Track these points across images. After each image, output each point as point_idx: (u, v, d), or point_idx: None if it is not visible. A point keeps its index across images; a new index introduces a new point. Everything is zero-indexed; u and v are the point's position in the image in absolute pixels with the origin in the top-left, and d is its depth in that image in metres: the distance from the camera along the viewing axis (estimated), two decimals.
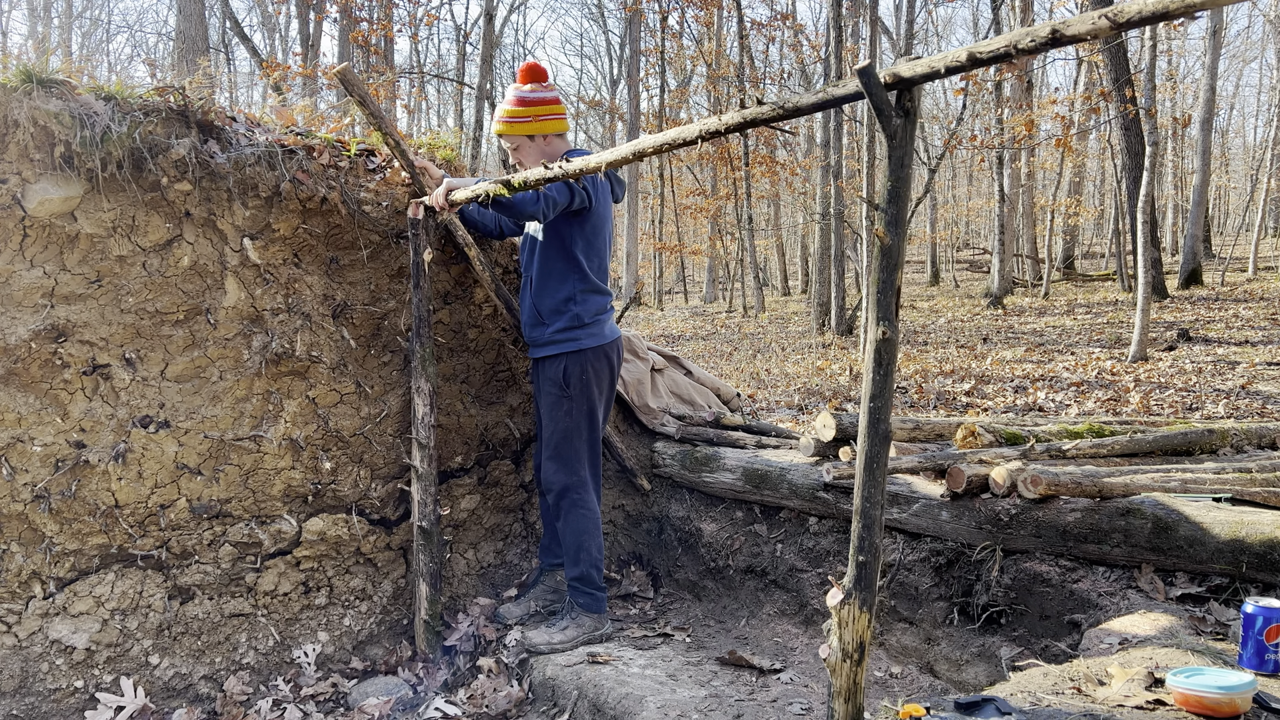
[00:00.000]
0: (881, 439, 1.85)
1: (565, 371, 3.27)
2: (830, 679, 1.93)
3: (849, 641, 1.89)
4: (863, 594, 1.87)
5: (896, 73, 1.77)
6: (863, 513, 1.88)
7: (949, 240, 30.51)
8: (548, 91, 3.34)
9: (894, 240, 1.82)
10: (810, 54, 24.20)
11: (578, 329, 3.28)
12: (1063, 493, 2.70)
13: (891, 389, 1.85)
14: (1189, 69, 33.29)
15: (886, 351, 1.83)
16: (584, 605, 3.32)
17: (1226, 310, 14.09)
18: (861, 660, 1.89)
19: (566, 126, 3.39)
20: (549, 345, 3.30)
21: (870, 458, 1.85)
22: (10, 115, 2.69)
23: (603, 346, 3.33)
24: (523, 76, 3.36)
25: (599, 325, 3.33)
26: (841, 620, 1.89)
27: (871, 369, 1.83)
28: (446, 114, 33.97)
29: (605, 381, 3.39)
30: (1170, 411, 7.05)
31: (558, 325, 3.27)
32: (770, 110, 2.00)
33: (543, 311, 3.29)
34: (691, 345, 15.66)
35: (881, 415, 1.84)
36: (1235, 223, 33.45)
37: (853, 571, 1.88)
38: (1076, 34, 1.53)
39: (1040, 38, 1.56)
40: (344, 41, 17.84)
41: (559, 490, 3.32)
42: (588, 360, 3.29)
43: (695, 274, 38.38)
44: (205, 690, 3.12)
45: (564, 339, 3.27)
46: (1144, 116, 11.38)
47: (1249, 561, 2.31)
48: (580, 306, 3.28)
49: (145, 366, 3.01)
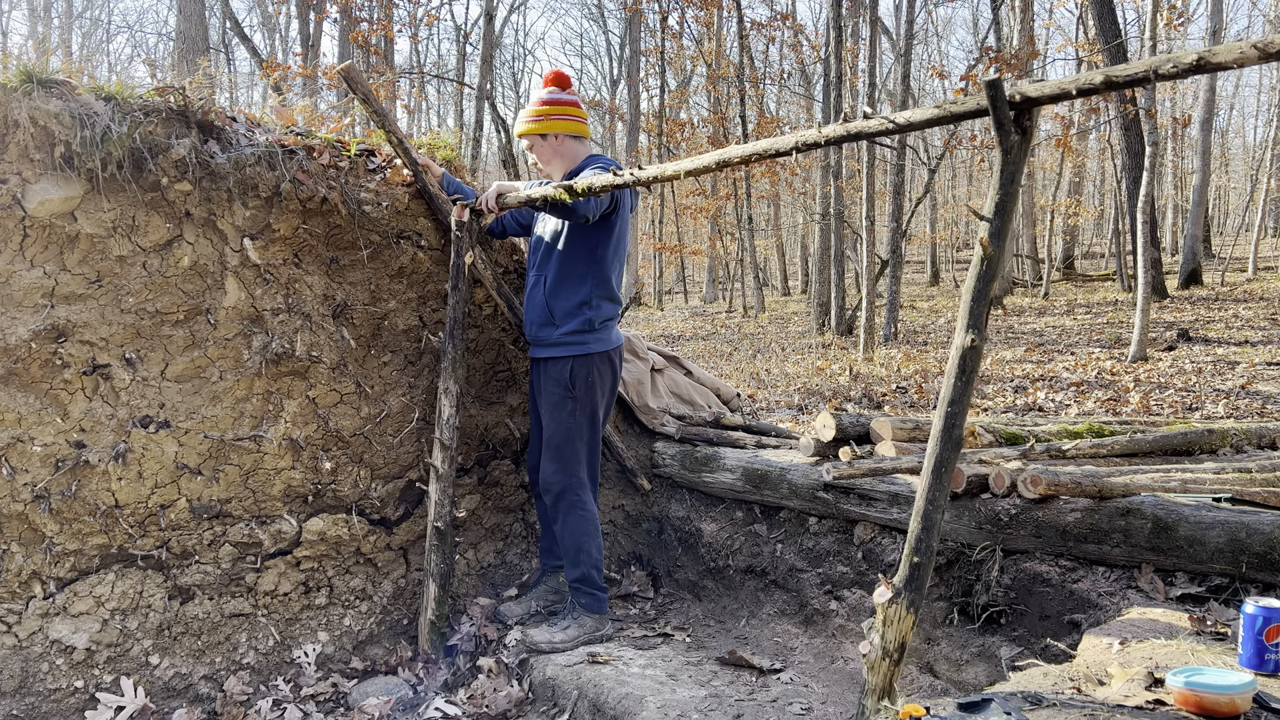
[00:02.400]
0: (954, 444, 1.86)
1: (571, 373, 3.27)
2: (866, 675, 1.93)
3: (891, 640, 1.89)
4: (912, 594, 1.88)
5: (1023, 92, 1.78)
6: (924, 515, 1.88)
7: (949, 240, 30.51)
8: (566, 95, 3.40)
9: (996, 251, 1.84)
10: (810, 54, 24.21)
11: (588, 333, 3.29)
12: (1063, 493, 2.70)
13: (970, 396, 1.86)
14: None
15: (972, 359, 1.84)
16: (585, 605, 3.33)
17: (1226, 310, 14.09)
18: (900, 660, 1.90)
19: (582, 129, 3.42)
20: (556, 346, 3.30)
21: (940, 461, 1.86)
22: (10, 115, 2.69)
23: (608, 351, 3.36)
24: (545, 81, 3.45)
25: (607, 330, 3.36)
26: (886, 618, 1.90)
27: (954, 375, 1.84)
28: (446, 114, 33.99)
29: (608, 385, 3.41)
30: (1170, 411, 7.05)
31: (569, 327, 3.28)
32: (879, 124, 1.97)
33: (556, 312, 3.29)
34: (691, 345, 15.66)
35: (957, 421, 1.85)
36: (1235, 223, 33.44)
37: (905, 572, 1.89)
38: (1222, 63, 1.52)
39: (1183, 64, 1.56)
40: (344, 42, 17.83)
41: (557, 492, 3.32)
42: (594, 363, 3.30)
43: (695, 274, 38.37)
44: (205, 690, 3.12)
45: (573, 341, 3.28)
46: (1144, 116, 11.38)
47: (1249, 561, 2.31)
48: (594, 311, 3.29)
49: (145, 366, 3.01)
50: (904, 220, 14.43)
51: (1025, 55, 12.46)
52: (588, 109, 19.98)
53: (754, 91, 22.65)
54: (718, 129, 22.82)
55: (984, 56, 12.52)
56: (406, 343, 3.52)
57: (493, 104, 19.20)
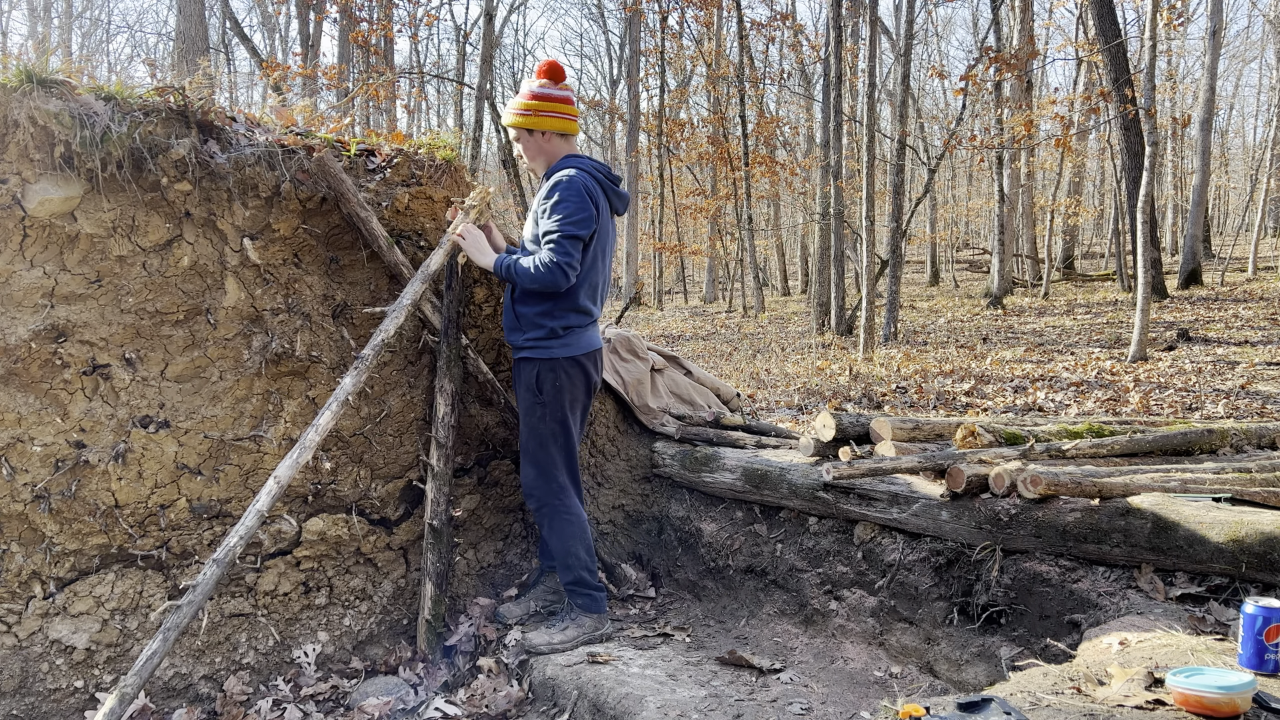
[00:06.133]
0: None
1: (538, 377, 3.25)
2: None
3: None
4: None
5: None
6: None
7: (949, 240, 30.52)
8: (560, 91, 3.32)
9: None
10: (810, 54, 24.21)
11: (551, 339, 3.24)
12: (1062, 493, 2.70)
13: None
14: (1189, 69, 33.30)
15: None
16: (583, 606, 3.32)
17: (1226, 310, 14.09)
18: None
19: (571, 127, 3.36)
20: (523, 349, 3.29)
21: None
22: (10, 115, 2.69)
23: (576, 357, 3.28)
24: (539, 72, 3.34)
25: (573, 336, 3.27)
26: None
27: None
28: (446, 114, 33.98)
29: (580, 390, 3.33)
30: (1170, 411, 7.05)
31: (533, 334, 3.24)
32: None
33: (520, 318, 3.28)
34: (691, 345, 15.65)
35: None
36: (1235, 223, 33.45)
37: None
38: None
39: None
40: (344, 41, 17.84)
41: (539, 498, 3.31)
42: (560, 368, 3.25)
43: (695, 274, 38.37)
44: (205, 690, 3.12)
45: (537, 346, 3.25)
46: (1144, 116, 11.38)
47: (1249, 561, 2.31)
48: (557, 322, 3.23)
49: (145, 366, 3.01)
50: (904, 220, 14.43)
51: (1025, 55, 12.46)
52: (587, 109, 19.83)
53: (754, 91, 22.65)
54: (717, 129, 22.83)
55: (984, 56, 12.52)
56: (406, 343, 3.52)
57: (493, 104, 19.20)
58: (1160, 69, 25.10)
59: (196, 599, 2.60)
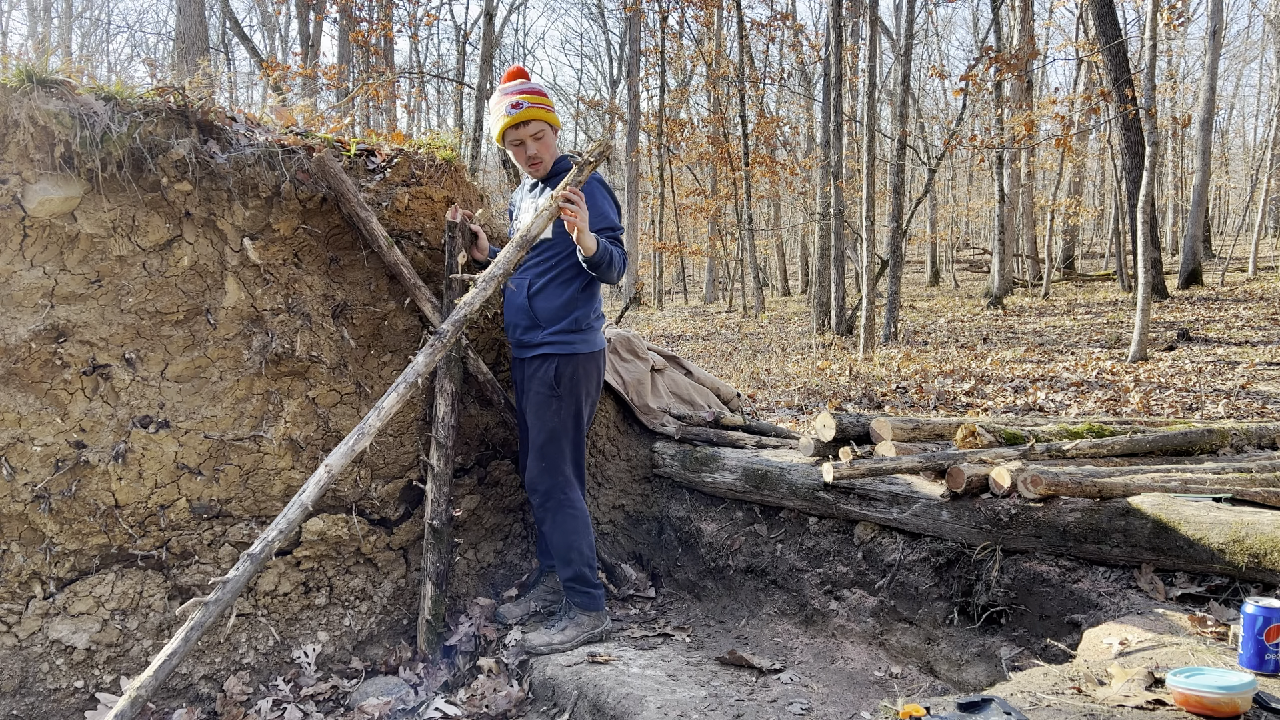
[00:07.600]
0: None
1: (557, 371, 3.27)
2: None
3: None
4: None
5: None
6: None
7: (949, 240, 30.52)
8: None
9: None
10: (810, 54, 24.21)
11: (574, 333, 3.28)
12: (1063, 493, 2.70)
13: None
14: (1189, 69, 33.31)
15: None
16: (581, 604, 3.32)
17: (1226, 310, 14.09)
18: None
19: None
20: (542, 346, 3.30)
21: None
22: (10, 115, 2.69)
23: (594, 353, 3.36)
24: (519, 74, 3.32)
25: (593, 332, 3.36)
26: None
27: None
28: (446, 114, 33.98)
29: (594, 385, 3.41)
30: (1170, 411, 7.05)
31: (556, 328, 3.27)
32: None
33: (541, 315, 3.28)
34: (691, 345, 15.65)
35: None
36: (1235, 223, 33.44)
37: None
38: None
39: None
40: (344, 41, 17.84)
41: (544, 491, 3.32)
42: (579, 363, 3.30)
43: (695, 274, 38.37)
44: (205, 690, 3.12)
45: (560, 341, 3.27)
46: (1144, 116, 11.38)
47: (1249, 561, 2.31)
48: (581, 311, 3.30)
49: (145, 366, 3.01)
50: (904, 220, 14.43)
51: (1025, 55, 12.46)
52: (587, 109, 19.81)
53: (754, 91, 22.65)
54: (718, 129, 22.83)
55: (984, 56, 12.51)
56: (406, 343, 3.52)
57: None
58: (1160, 69, 25.11)
59: (225, 596, 2.47)
